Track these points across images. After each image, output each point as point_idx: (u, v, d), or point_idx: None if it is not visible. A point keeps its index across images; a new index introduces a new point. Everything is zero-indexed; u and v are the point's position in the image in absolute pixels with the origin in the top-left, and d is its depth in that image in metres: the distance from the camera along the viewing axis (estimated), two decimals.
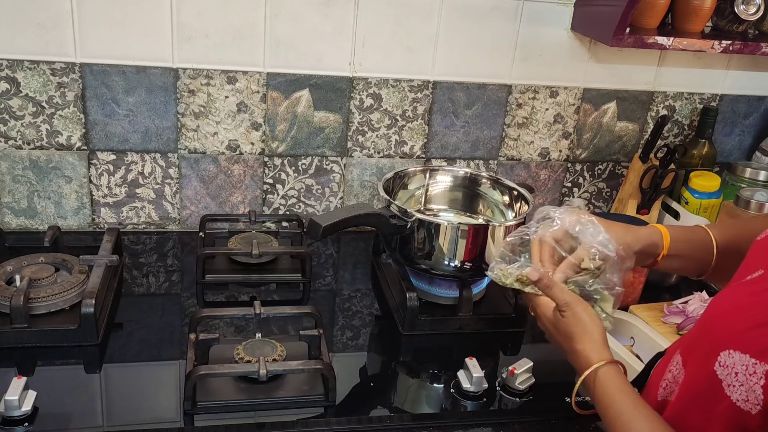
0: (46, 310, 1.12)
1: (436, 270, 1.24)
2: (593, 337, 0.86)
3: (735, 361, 0.69)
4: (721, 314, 0.76)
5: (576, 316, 0.88)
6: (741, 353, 0.68)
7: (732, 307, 0.75)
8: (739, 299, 0.75)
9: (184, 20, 1.35)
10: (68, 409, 0.98)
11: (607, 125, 1.64)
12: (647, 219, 1.56)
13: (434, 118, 1.54)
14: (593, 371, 0.83)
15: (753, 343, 0.68)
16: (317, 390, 1.03)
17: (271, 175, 1.52)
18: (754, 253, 0.82)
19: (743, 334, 0.69)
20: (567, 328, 0.88)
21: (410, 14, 1.43)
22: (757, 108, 1.70)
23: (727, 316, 0.74)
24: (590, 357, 0.84)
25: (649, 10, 1.42)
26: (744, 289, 0.76)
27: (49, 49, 1.32)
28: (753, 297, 0.73)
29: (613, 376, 0.82)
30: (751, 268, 0.78)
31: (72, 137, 1.39)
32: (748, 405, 0.67)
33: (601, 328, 0.88)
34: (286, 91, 1.45)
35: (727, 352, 0.70)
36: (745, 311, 0.72)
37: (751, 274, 0.77)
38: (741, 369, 0.68)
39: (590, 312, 0.89)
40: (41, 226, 1.45)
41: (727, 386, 0.69)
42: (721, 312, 0.77)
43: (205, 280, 1.32)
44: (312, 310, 1.14)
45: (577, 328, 0.87)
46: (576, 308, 0.88)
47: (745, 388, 0.67)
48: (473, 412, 1.04)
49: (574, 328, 0.88)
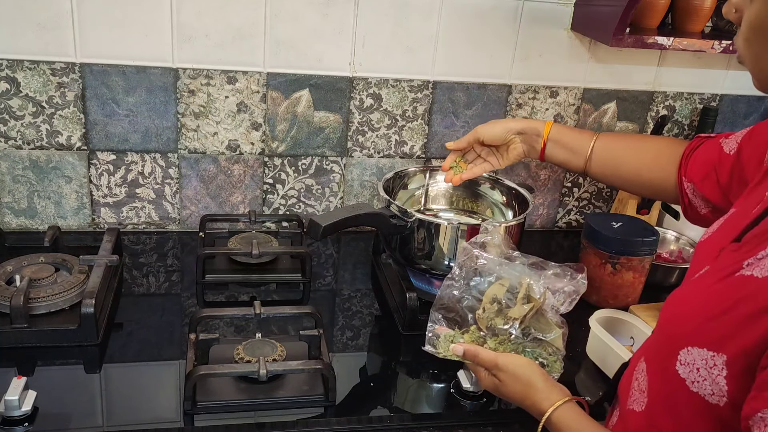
0: (46, 310, 1.12)
1: (436, 270, 1.24)
2: (536, 387, 0.89)
3: (695, 357, 0.70)
4: (675, 314, 0.77)
5: (509, 375, 0.91)
6: (699, 348, 0.69)
7: (684, 306, 0.76)
8: (690, 297, 0.77)
9: (184, 20, 1.35)
10: (68, 409, 0.98)
11: (608, 125, 1.64)
12: (647, 219, 1.56)
13: (434, 118, 1.54)
14: (548, 420, 0.86)
15: (708, 337, 0.69)
16: (317, 390, 1.03)
17: (271, 175, 1.52)
18: (699, 253, 0.84)
19: (698, 330, 0.70)
20: (507, 390, 0.92)
21: (410, 14, 1.43)
22: (757, 108, 1.70)
23: (681, 314, 0.75)
24: (541, 406, 0.87)
25: (649, 10, 1.42)
26: (693, 287, 0.78)
27: (49, 49, 1.32)
28: (702, 292, 0.74)
29: (568, 417, 0.85)
30: (699, 267, 0.80)
31: (72, 137, 1.39)
32: (714, 398, 0.68)
33: (538, 373, 0.90)
34: (286, 91, 1.45)
35: (685, 349, 0.71)
36: (697, 307, 0.73)
37: (699, 272, 0.79)
38: (702, 364, 0.69)
39: (520, 363, 0.91)
40: (41, 226, 1.45)
41: (691, 383, 0.70)
42: (674, 312, 0.78)
43: (205, 280, 1.32)
44: (312, 310, 1.14)
45: (516, 385, 0.90)
46: (506, 367, 0.91)
47: (708, 382, 0.68)
48: (473, 412, 1.04)
49: (514, 386, 0.91)
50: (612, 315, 1.21)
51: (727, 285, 0.70)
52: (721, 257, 0.76)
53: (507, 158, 1.26)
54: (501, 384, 0.92)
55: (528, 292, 1.01)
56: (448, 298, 1.04)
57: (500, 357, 0.93)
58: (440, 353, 0.99)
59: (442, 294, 1.04)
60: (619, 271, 1.30)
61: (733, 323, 0.66)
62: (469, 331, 1.00)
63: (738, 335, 0.65)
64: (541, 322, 1.00)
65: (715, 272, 0.74)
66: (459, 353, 0.97)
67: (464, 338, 0.99)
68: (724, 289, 0.70)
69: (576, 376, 1.15)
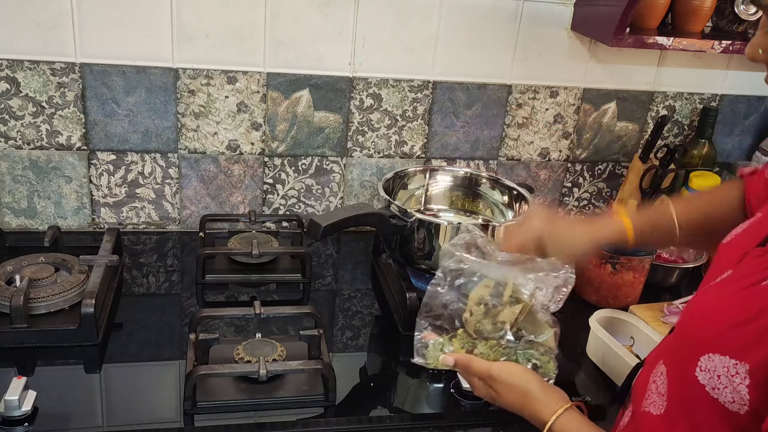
0: (46, 310, 1.12)
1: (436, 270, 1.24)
2: (533, 396, 0.86)
3: (716, 364, 0.69)
4: (697, 318, 0.76)
5: (504, 385, 0.88)
6: (720, 356, 0.68)
7: (707, 311, 0.75)
8: (712, 302, 0.75)
9: (184, 20, 1.35)
10: (68, 409, 0.98)
11: (607, 125, 1.64)
12: None
13: (434, 118, 1.54)
14: (550, 428, 0.84)
15: (731, 344, 0.68)
16: (317, 390, 1.03)
17: (271, 175, 1.52)
18: (722, 256, 0.83)
19: (721, 336, 0.69)
20: (504, 401, 0.89)
21: (410, 14, 1.43)
22: (757, 108, 1.70)
23: (703, 319, 0.74)
24: (541, 415, 0.85)
25: (649, 10, 1.42)
26: (716, 291, 0.76)
27: (49, 49, 1.32)
28: (726, 298, 0.73)
29: (569, 425, 0.83)
30: (721, 270, 0.79)
31: (72, 137, 1.39)
32: (735, 406, 0.67)
33: (534, 381, 0.87)
34: (286, 91, 1.45)
35: (707, 356, 0.70)
36: (720, 313, 0.72)
37: (721, 275, 0.77)
38: (723, 371, 0.68)
39: (515, 372, 0.89)
40: (41, 226, 1.45)
41: (711, 390, 0.69)
42: (696, 316, 0.77)
43: (205, 280, 1.32)
44: (312, 310, 1.13)
45: (513, 395, 0.88)
46: (500, 377, 0.88)
47: (729, 390, 0.67)
48: (473, 412, 1.04)
49: (510, 397, 0.88)
50: (612, 315, 1.21)
51: (752, 293, 0.69)
52: (744, 262, 0.75)
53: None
54: (497, 395, 0.90)
55: (514, 293, 0.97)
56: (433, 303, 0.99)
57: (494, 367, 0.89)
58: (430, 364, 0.94)
59: (428, 300, 0.99)
60: (619, 271, 1.30)
61: (758, 332, 0.66)
62: (456, 335, 0.96)
63: (762, 344, 0.65)
64: (533, 323, 0.97)
65: (739, 278, 0.73)
66: (449, 363, 0.92)
67: (453, 345, 0.95)
68: (749, 297, 0.69)
69: (576, 377, 1.15)
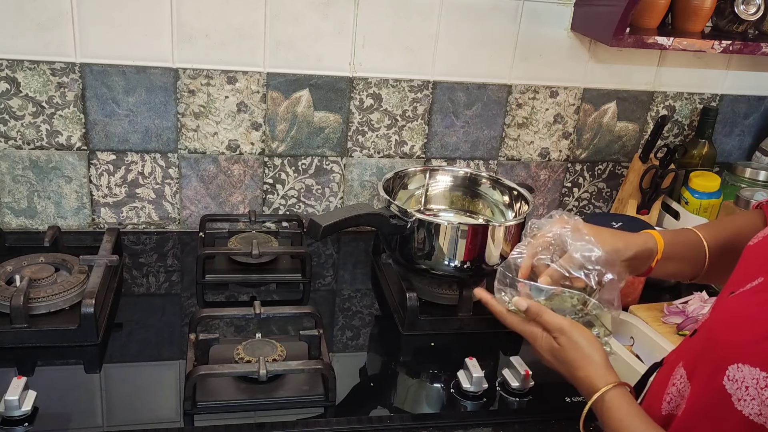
0: (46, 310, 1.12)
1: (436, 270, 1.24)
2: (594, 361, 0.84)
3: (745, 375, 0.67)
4: (727, 326, 0.74)
5: (572, 341, 0.86)
6: (751, 366, 0.67)
7: (737, 319, 0.73)
8: (743, 310, 0.73)
9: (184, 20, 1.35)
10: (68, 409, 0.98)
11: (607, 125, 1.64)
12: (647, 219, 1.56)
13: (434, 118, 1.54)
14: (600, 397, 0.81)
15: (763, 356, 0.66)
16: (317, 390, 1.03)
17: (271, 175, 1.52)
18: (749, 259, 0.81)
19: (752, 347, 0.68)
20: (564, 355, 0.86)
21: (410, 14, 1.43)
22: (757, 108, 1.70)
23: (733, 328, 0.72)
24: (594, 383, 0.82)
25: (649, 10, 1.42)
26: (747, 299, 0.74)
27: (49, 49, 1.32)
28: (758, 308, 0.71)
29: (620, 400, 0.80)
30: (750, 276, 0.77)
31: (72, 137, 1.39)
32: (761, 419, 0.66)
33: (601, 350, 0.86)
34: (286, 91, 1.45)
35: (735, 365, 0.68)
36: (752, 323, 0.70)
37: (751, 282, 0.75)
38: (752, 383, 0.66)
39: (587, 335, 0.87)
40: (41, 226, 1.45)
41: (737, 400, 0.68)
42: (726, 323, 0.75)
43: (205, 280, 1.32)
44: (312, 310, 1.13)
45: (575, 353, 0.85)
46: (571, 333, 0.86)
47: (757, 402, 0.66)
48: (473, 412, 1.04)
49: (572, 353, 0.86)
50: None
51: None
52: None
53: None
54: (559, 348, 0.87)
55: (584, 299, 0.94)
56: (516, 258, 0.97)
57: (566, 323, 0.87)
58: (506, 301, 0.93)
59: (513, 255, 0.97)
60: None
61: None
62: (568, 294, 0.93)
63: None
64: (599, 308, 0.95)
65: None
66: (522, 307, 0.90)
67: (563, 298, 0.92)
68: None
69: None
